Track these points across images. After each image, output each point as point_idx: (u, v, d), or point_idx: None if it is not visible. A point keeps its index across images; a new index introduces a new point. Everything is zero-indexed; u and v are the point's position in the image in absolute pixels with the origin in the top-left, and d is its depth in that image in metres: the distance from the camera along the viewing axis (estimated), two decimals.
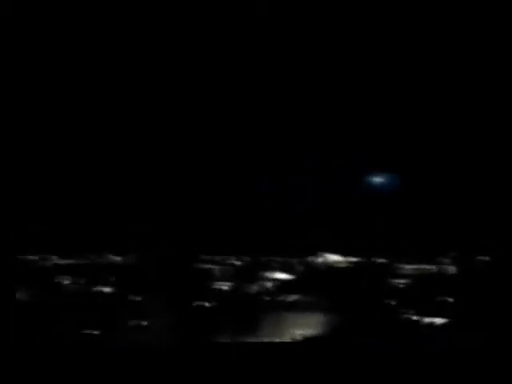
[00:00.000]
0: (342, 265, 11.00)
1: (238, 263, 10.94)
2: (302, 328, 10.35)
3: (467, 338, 10.16)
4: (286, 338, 10.34)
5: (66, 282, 10.70)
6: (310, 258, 11.03)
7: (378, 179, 11.31)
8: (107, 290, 10.65)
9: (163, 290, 10.65)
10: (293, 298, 10.62)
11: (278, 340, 10.29)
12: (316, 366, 9.75)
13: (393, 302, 10.60)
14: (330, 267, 10.94)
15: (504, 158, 11.14)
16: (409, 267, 10.91)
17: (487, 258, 10.79)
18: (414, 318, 10.50)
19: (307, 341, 10.21)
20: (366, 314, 10.50)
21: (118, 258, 10.94)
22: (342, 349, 10.04)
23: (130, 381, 9.59)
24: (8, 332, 10.09)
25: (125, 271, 10.81)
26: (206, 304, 10.60)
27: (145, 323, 10.35)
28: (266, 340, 10.26)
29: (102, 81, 11.39)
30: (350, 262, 11.03)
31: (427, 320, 10.47)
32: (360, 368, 9.73)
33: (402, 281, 10.77)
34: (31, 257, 10.77)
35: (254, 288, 10.82)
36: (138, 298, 10.56)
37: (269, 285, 10.89)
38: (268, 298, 10.75)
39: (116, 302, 10.56)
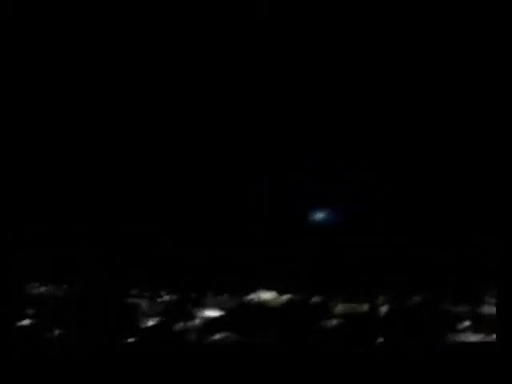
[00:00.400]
0: (275, 302, 10.95)
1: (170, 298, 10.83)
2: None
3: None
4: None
5: None
6: (244, 296, 10.95)
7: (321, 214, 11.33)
8: (26, 323, 10.41)
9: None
10: (222, 336, 10.47)
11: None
12: None
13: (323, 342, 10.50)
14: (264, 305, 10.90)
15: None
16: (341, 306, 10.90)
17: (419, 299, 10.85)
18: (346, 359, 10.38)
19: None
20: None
21: (41, 289, 10.79)
22: None
23: None
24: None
25: (51, 302, 10.64)
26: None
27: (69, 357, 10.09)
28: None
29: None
30: (285, 300, 10.99)
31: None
32: None
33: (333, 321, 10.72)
34: None
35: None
36: (62, 331, 10.33)
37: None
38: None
39: (36, 335, 10.31)
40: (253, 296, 10.91)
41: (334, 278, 10.90)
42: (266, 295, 10.95)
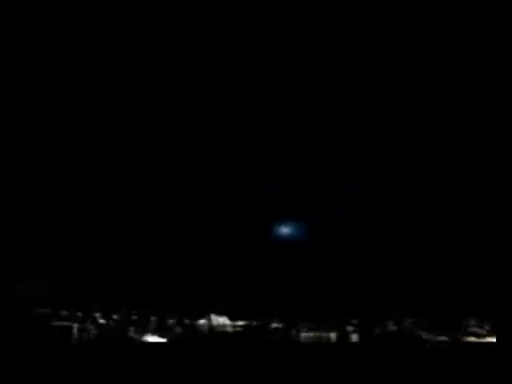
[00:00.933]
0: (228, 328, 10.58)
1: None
2: None
3: None
4: None
5: None
6: (196, 320, 10.58)
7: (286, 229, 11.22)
8: None
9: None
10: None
11: None
12: None
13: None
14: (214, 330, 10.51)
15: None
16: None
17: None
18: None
19: None
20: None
21: None
22: None
23: None
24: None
25: None
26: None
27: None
28: None
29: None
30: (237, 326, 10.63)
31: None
32: None
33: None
34: None
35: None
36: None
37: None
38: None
39: None
40: (203, 321, 10.47)
41: (297, 302, 10.55)
42: (218, 320, 10.47)
